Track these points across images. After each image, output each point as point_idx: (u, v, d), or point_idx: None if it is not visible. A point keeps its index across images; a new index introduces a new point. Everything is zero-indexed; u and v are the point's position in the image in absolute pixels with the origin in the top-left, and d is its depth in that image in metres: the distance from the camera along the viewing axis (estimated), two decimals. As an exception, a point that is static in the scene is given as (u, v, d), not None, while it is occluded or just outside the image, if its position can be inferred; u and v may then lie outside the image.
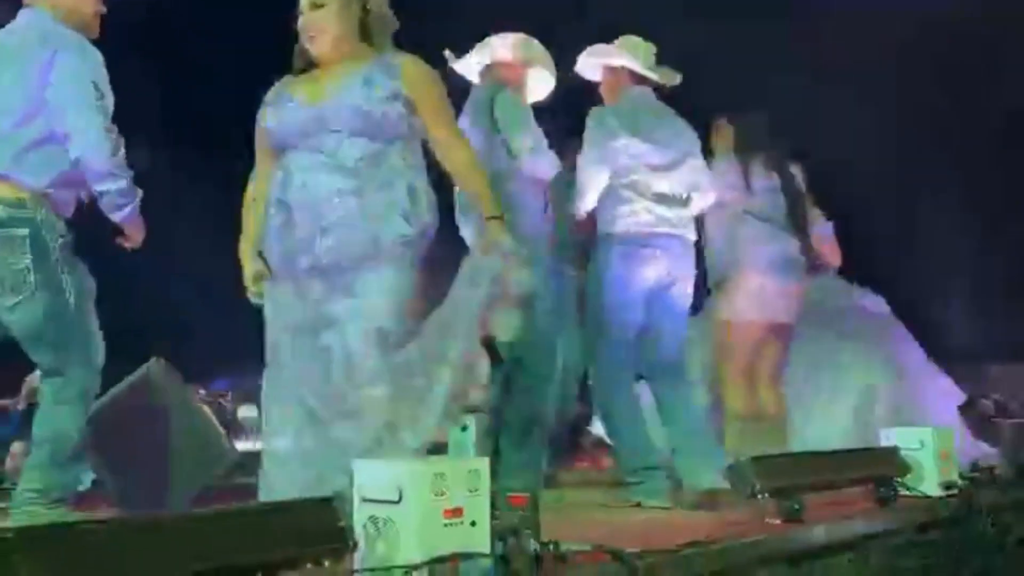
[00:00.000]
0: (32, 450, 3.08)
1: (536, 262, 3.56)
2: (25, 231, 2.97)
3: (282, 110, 2.85)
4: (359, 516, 2.09)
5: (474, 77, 4.04)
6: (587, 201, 3.85)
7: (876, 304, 5.35)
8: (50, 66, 3.00)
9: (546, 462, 4.12)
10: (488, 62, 3.99)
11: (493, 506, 2.21)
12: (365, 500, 2.11)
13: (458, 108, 3.32)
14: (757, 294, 4.17)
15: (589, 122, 3.87)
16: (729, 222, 4.15)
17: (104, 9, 3.24)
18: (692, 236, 3.93)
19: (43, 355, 3.08)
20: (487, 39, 4.00)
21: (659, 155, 3.82)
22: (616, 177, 3.81)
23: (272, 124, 2.85)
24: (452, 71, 3.98)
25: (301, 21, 2.86)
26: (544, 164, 3.78)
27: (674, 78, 4.04)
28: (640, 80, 3.98)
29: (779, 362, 4.36)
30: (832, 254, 5.48)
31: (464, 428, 5.95)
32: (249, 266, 2.94)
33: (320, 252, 2.71)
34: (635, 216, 3.77)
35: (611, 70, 4.03)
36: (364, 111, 2.74)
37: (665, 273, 3.80)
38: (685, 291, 3.87)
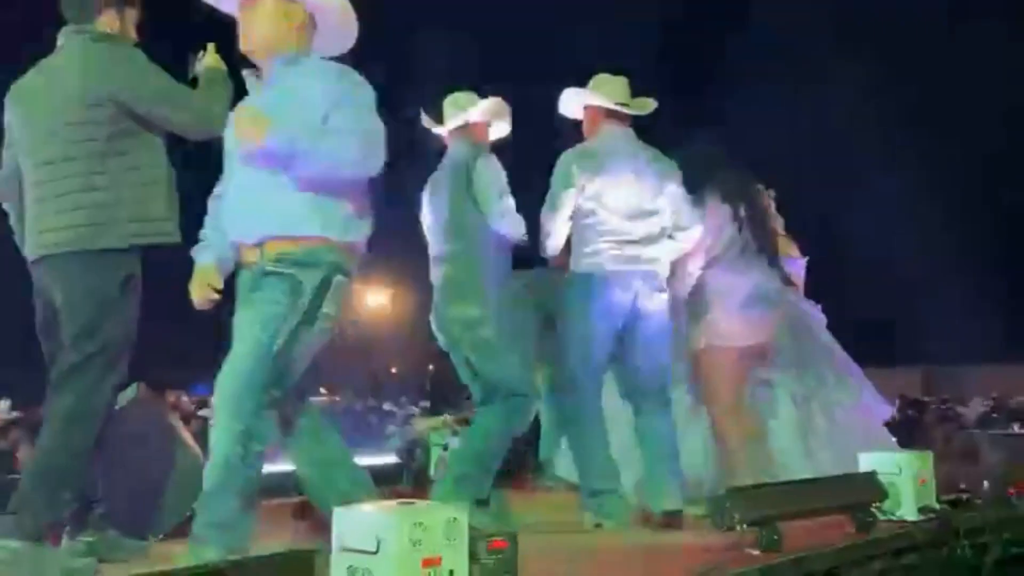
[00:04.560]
0: None
1: (493, 306, 3.81)
2: None
3: None
4: (337, 566, 2.10)
5: (442, 131, 4.19)
6: (553, 242, 3.98)
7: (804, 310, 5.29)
8: None
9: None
10: (462, 124, 4.10)
11: (472, 551, 2.23)
12: (344, 549, 2.12)
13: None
14: (737, 325, 4.20)
15: (555, 167, 3.99)
16: (704, 256, 4.18)
17: None
18: (663, 270, 3.98)
19: None
20: (456, 99, 4.13)
21: (623, 195, 3.90)
22: (578, 218, 3.93)
23: None
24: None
25: None
26: (510, 227, 3.87)
27: (646, 107, 4.10)
28: (613, 115, 4.05)
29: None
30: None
31: (445, 447, 6.00)
32: None
33: None
34: (596, 256, 3.88)
35: (587, 109, 4.13)
36: None
37: (630, 308, 3.88)
38: (657, 324, 3.93)
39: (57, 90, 3.16)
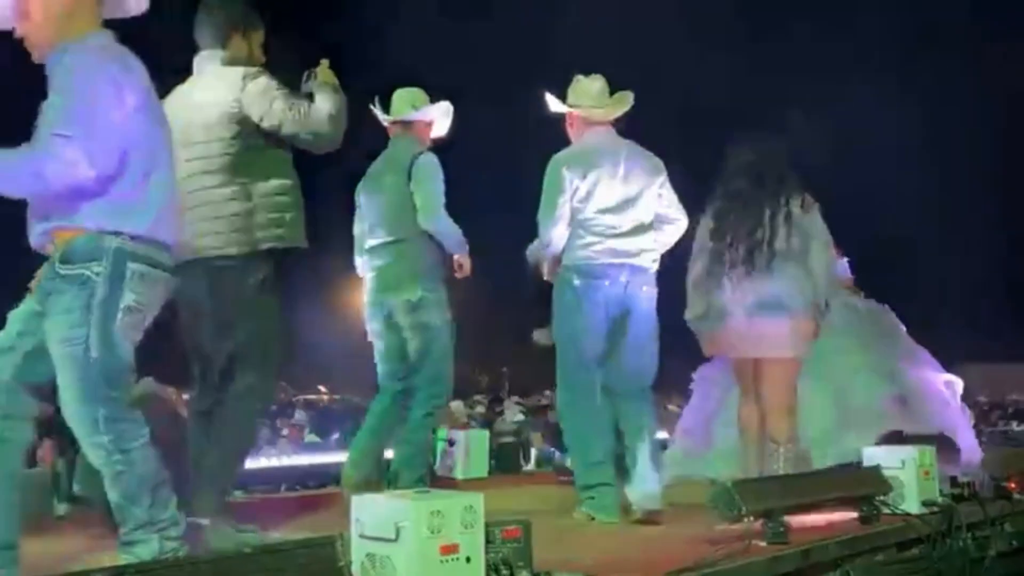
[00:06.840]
0: None
1: (433, 294, 4.25)
2: None
3: None
4: (357, 553, 2.14)
5: (386, 121, 4.52)
6: (552, 252, 4.04)
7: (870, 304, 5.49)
8: None
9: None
10: (409, 119, 4.44)
11: (487, 539, 2.27)
12: (363, 537, 2.16)
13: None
14: (726, 334, 4.19)
15: (546, 173, 4.06)
16: (701, 263, 4.21)
17: None
18: (650, 264, 4.03)
19: None
20: (412, 94, 4.47)
21: (611, 193, 3.96)
22: (570, 216, 3.99)
23: None
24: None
25: None
26: (447, 229, 4.29)
27: (623, 104, 4.09)
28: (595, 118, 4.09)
29: (779, 396, 4.15)
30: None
31: (452, 443, 6.02)
32: None
33: None
34: (585, 250, 3.96)
35: (568, 113, 4.15)
36: None
37: (619, 302, 3.94)
38: (644, 316, 3.99)
39: (194, 111, 3.42)
